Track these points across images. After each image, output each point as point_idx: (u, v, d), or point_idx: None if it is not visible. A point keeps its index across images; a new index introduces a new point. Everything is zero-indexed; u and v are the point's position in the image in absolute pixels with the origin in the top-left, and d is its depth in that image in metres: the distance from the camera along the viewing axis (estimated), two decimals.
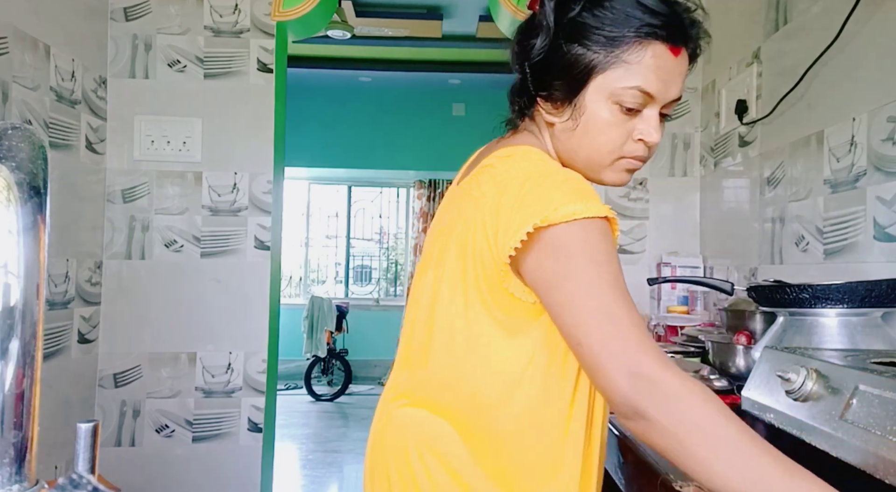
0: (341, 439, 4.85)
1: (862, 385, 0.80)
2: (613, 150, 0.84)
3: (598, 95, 0.81)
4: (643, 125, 0.83)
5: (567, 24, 0.82)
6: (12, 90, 1.73)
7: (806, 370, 0.90)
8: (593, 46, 0.80)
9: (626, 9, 0.80)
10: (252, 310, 2.29)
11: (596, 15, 0.80)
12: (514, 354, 0.82)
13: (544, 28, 0.83)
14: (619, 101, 0.81)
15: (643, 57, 0.79)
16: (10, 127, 0.40)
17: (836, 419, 0.81)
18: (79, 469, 0.41)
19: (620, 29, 0.79)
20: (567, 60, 0.82)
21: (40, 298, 0.40)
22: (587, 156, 0.85)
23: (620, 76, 0.80)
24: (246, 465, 2.27)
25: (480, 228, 0.80)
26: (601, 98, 0.81)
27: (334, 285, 7.50)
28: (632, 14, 0.79)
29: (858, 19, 1.46)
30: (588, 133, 0.83)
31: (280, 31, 2.33)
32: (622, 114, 0.82)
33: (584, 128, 0.83)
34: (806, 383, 0.89)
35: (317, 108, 6.56)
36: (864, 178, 1.45)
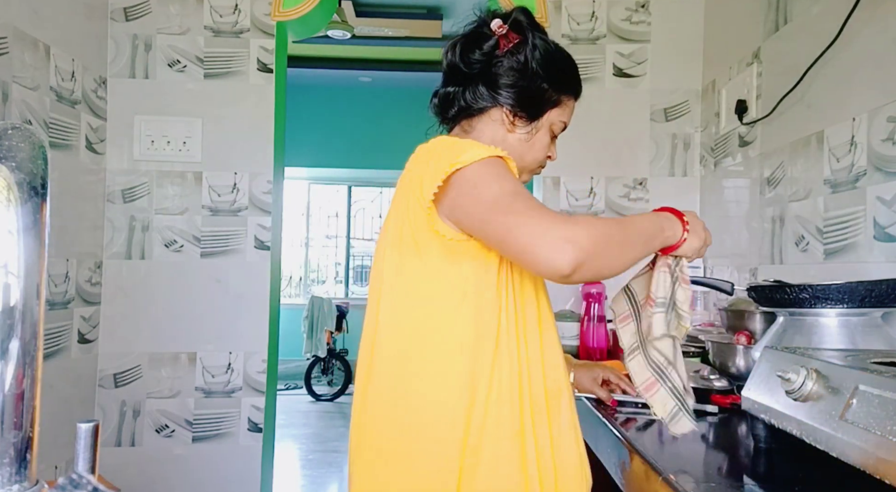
0: (341, 439, 4.85)
1: (862, 385, 0.80)
2: (539, 161, 1.14)
3: (547, 123, 1.12)
4: (553, 147, 1.16)
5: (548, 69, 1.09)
6: (12, 90, 1.73)
7: (806, 370, 0.90)
8: (558, 90, 1.11)
9: (572, 71, 1.15)
10: (252, 310, 2.29)
11: (563, 69, 1.13)
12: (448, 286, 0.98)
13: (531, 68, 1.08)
14: (553, 130, 1.13)
15: (570, 103, 1.14)
16: (10, 127, 0.40)
17: (835, 419, 0.81)
18: (79, 469, 0.41)
19: (569, 82, 1.13)
20: (543, 94, 1.10)
21: (40, 298, 0.40)
22: (526, 162, 1.11)
23: (560, 113, 1.13)
24: (246, 465, 2.28)
25: (412, 192, 0.98)
26: (547, 125, 1.12)
27: (334, 285, 7.50)
28: (572, 75, 1.15)
29: (858, 19, 1.46)
30: (534, 147, 1.12)
31: (280, 31, 2.33)
32: (550, 138, 1.14)
33: (532, 143, 1.12)
34: (806, 383, 0.89)
35: (317, 108, 6.55)
36: (864, 178, 1.45)
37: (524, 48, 1.09)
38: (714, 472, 1.04)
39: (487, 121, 1.11)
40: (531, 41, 1.10)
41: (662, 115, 2.39)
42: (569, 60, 1.16)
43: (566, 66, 1.14)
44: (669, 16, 2.39)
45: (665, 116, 2.39)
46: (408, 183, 1.02)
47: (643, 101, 2.38)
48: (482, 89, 1.10)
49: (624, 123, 2.36)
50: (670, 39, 2.38)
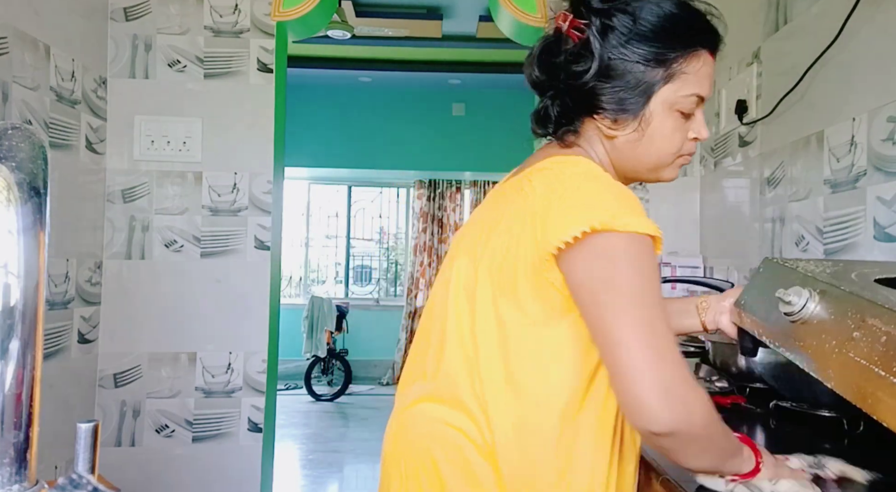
0: (341, 439, 4.85)
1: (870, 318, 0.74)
2: (675, 151, 0.92)
3: (661, 107, 0.89)
4: (696, 125, 0.92)
5: (620, 50, 0.87)
6: (12, 90, 1.73)
7: (809, 293, 0.83)
8: (651, 65, 0.87)
9: (673, 27, 0.88)
10: (252, 310, 2.29)
11: (647, 37, 0.87)
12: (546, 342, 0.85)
13: (595, 57, 0.87)
14: (680, 109, 0.89)
15: (696, 67, 0.89)
16: (10, 127, 0.40)
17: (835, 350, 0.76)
18: (79, 469, 0.41)
19: (673, 45, 0.88)
20: (629, 82, 0.88)
21: (40, 298, 0.40)
22: (652, 161, 0.93)
23: (679, 87, 0.88)
24: (246, 465, 2.28)
25: (529, 221, 0.84)
26: (664, 109, 0.89)
27: (334, 285, 7.50)
28: (679, 31, 0.88)
29: (858, 19, 1.46)
30: (654, 141, 0.91)
31: (280, 31, 2.33)
32: (682, 119, 0.91)
33: (649, 138, 0.90)
34: (808, 306, 0.83)
35: (317, 108, 6.55)
36: (864, 178, 1.45)
37: (589, 33, 0.88)
38: None
39: (584, 133, 0.93)
40: (599, 21, 0.88)
41: None
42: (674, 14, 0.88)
43: (672, 23, 0.88)
44: None
45: None
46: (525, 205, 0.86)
47: None
48: (566, 100, 0.92)
49: None
50: None
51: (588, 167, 0.87)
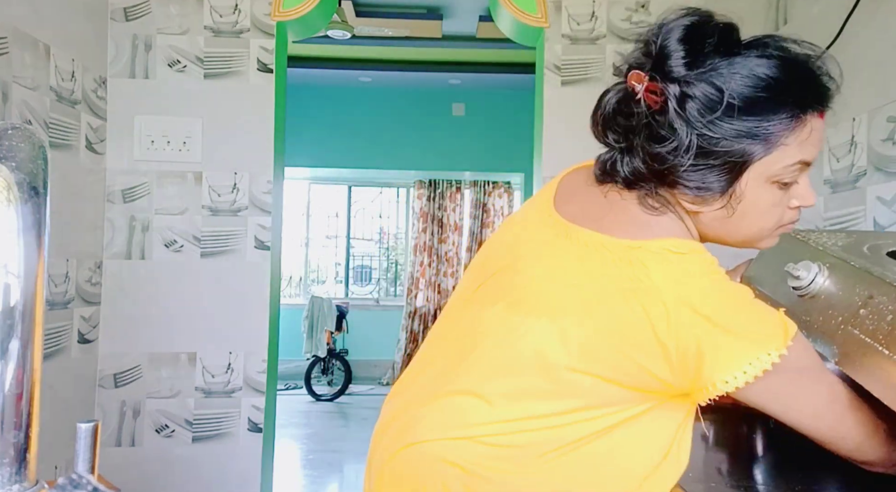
0: (341, 439, 4.85)
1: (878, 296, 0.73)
2: (774, 226, 0.82)
3: (755, 183, 0.78)
4: (801, 191, 0.81)
5: (705, 124, 0.75)
6: (12, 90, 1.73)
7: (818, 267, 0.83)
8: (743, 142, 0.75)
9: (772, 96, 0.75)
10: (252, 310, 2.29)
11: (740, 109, 0.74)
12: None
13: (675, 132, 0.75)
14: (779, 180, 0.78)
15: (801, 135, 0.77)
16: (10, 127, 0.40)
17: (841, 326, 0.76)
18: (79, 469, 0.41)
19: (770, 117, 0.75)
20: (713, 161, 0.76)
21: (40, 298, 0.40)
22: (745, 236, 0.83)
23: (779, 158, 0.77)
24: (246, 465, 2.27)
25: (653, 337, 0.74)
26: (759, 184, 0.78)
27: (334, 285, 7.50)
28: (780, 100, 0.76)
29: (858, 19, 1.46)
30: (747, 217, 0.80)
31: (280, 31, 2.33)
32: (780, 189, 0.79)
33: (741, 214, 0.79)
34: (816, 279, 0.82)
35: (317, 108, 6.55)
36: (864, 178, 1.45)
37: (669, 103, 0.75)
38: (714, 472, 1.03)
39: (666, 197, 0.81)
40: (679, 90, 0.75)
41: None
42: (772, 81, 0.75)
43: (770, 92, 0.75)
44: None
45: None
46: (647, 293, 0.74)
47: None
48: (639, 166, 0.79)
49: None
50: None
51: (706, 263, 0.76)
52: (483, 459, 0.78)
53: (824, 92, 0.80)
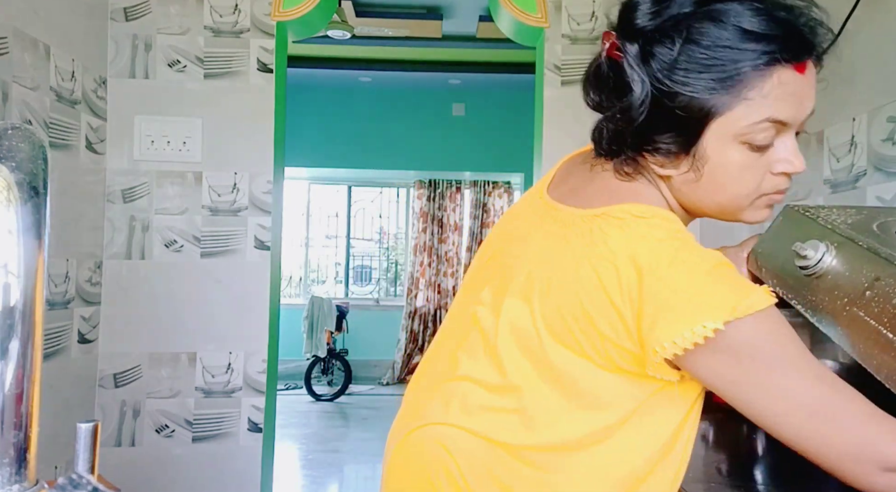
0: (341, 439, 4.85)
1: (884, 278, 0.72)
2: (751, 192, 0.75)
3: (720, 140, 0.72)
4: (782, 155, 0.74)
5: (666, 73, 0.72)
6: (12, 90, 1.73)
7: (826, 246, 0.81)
8: (704, 91, 0.71)
9: (734, 41, 0.70)
10: (252, 310, 2.29)
11: (699, 57, 0.70)
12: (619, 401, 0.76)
13: (636, 82, 0.73)
14: (749, 140, 0.72)
15: (767, 88, 0.70)
16: (10, 127, 0.40)
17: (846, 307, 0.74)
18: (79, 469, 0.41)
19: (733, 65, 0.70)
20: (674, 113, 0.72)
21: (40, 298, 0.40)
22: (719, 204, 0.77)
23: (744, 114, 0.71)
24: (246, 465, 2.27)
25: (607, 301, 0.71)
26: (725, 141, 0.72)
27: (334, 285, 7.50)
28: (742, 46, 0.70)
29: (858, 19, 1.46)
30: (717, 181, 0.74)
31: (280, 31, 2.33)
32: (754, 152, 0.73)
33: (710, 177, 0.74)
34: (824, 258, 0.81)
35: (317, 108, 6.55)
36: (864, 178, 1.45)
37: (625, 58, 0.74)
38: (714, 472, 1.03)
39: (643, 164, 0.79)
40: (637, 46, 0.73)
41: None
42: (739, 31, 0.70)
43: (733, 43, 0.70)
44: None
45: None
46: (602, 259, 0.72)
47: None
48: (610, 126, 0.78)
49: None
50: None
51: (671, 233, 0.72)
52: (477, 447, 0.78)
53: (797, 40, 0.72)
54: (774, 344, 0.67)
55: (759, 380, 0.67)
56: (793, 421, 0.67)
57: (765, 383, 0.67)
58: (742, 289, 0.68)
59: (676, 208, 0.81)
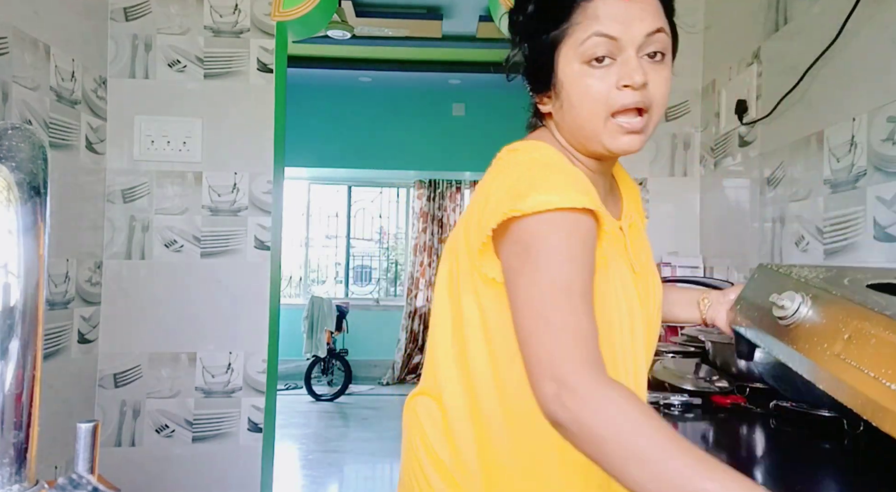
0: (341, 439, 4.85)
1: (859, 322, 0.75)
2: (598, 108, 0.82)
3: (567, 64, 0.83)
4: (623, 71, 0.81)
5: (522, 24, 0.88)
6: (12, 90, 1.73)
7: (801, 297, 0.85)
8: (545, 29, 0.84)
9: None
10: (252, 310, 2.29)
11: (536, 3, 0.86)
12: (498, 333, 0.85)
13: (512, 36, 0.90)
14: (588, 57, 0.81)
15: (591, 11, 0.81)
16: (10, 127, 0.40)
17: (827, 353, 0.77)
18: (79, 469, 0.41)
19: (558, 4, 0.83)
20: (532, 52, 0.86)
21: (40, 298, 0.40)
22: (581, 126, 0.84)
23: (578, 36, 0.81)
24: (246, 465, 2.27)
25: (476, 211, 0.83)
26: (571, 63, 0.82)
27: (334, 285, 7.50)
28: None
29: (858, 19, 1.46)
30: (572, 102, 0.83)
31: (280, 31, 2.33)
32: (594, 67, 0.81)
33: (568, 101, 0.84)
34: (800, 310, 0.84)
35: (317, 108, 6.55)
36: (864, 178, 1.45)
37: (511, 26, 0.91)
38: None
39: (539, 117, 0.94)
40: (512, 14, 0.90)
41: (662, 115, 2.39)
42: None
43: None
44: None
45: (665, 116, 2.39)
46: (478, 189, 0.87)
47: None
48: None
49: None
50: None
51: (534, 150, 0.85)
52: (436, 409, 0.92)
53: None
54: (543, 244, 0.73)
55: (523, 271, 0.74)
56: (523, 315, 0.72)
57: (523, 275, 0.74)
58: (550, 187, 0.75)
59: (569, 147, 0.90)
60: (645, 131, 0.84)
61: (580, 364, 0.66)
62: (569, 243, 0.73)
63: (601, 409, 0.63)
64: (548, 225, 0.74)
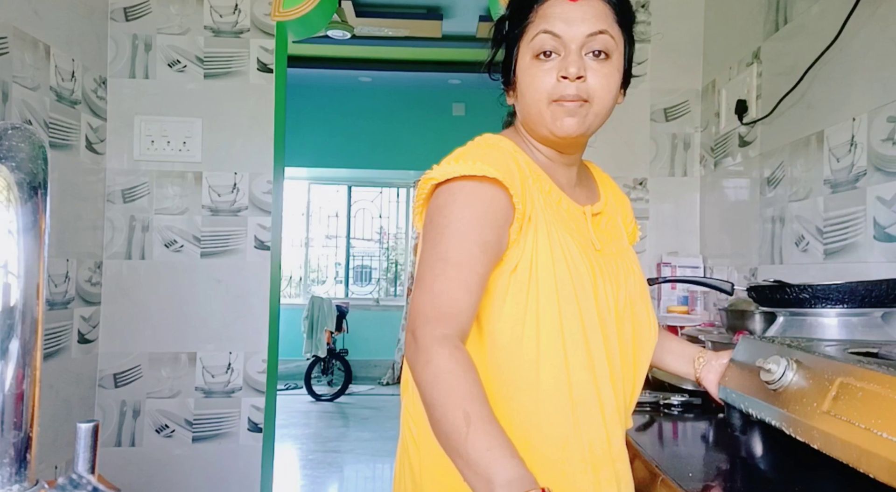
0: (341, 439, 4.85)
1: (844, 377, 0.79)
2: (541, 96, 0.92)
3: (521, 59, 0.94)
4: (562, 63, 0.91)
5: (499, 26, 1.00)
6: (12, 90, 1.73)
7: (787, 361, 0.88)
8: (512, 28, 0.96)
9: None
10: (252, 310, 2.29)
11: (509, 9, 0.98)
12: None
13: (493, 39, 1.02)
14: (536, 51, 0.92)
15: (541, 12, 0.92)
16: (10, 127, 0.40)
17: (817, 412, 0.80)
18: (79, 469, 0.41)
19: (520, 7, 0.95)
20: (503, 50, 0.99)
21: (40, 298, 0.40)
22: (530, 113, 0.95)
23: (530, 33, 0.92)
24: (246, 465, 2.28)
25: None
26: (525, 58, 0.94)
27: (334, 285, 7.50)
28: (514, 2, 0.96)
29: (858, 19, 1.46)
30: (523, 91, 0.94)
31: (280, 31, 2.33)
32: (541, 61, 0.92)
33: (521, 91, 0.95)
34: (786, 373, 0.87)
35: (317, 108, 6.55)
36: (864, 178, 1.45)
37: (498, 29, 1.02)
38: (714, 472, 1.04)
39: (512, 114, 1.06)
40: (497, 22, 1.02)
41: (662, 115, 2.39)
42: None
43: None
44: (669, 16, 2.39)
45: (665, 116, 2.39)
46: None
47: (643, 101, 2.38)
48: None
49: (624, 122, 2.36)
50: (670, 39, 2.38)
51: (484, 138, 0.97)
52: None
53: None
54: (439, 213, 0.85)
55: (425, 237, 0.85)
56: (419, 272, 0.83)
57: (425, 240, 0.85)
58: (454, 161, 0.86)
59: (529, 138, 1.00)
60: (582, 117, 0.91)
61: (427, 322, 0.78)
62: (461, 214, 0.83)
63: (428, 363, 0.75)
64: (447, 194, 0.85)
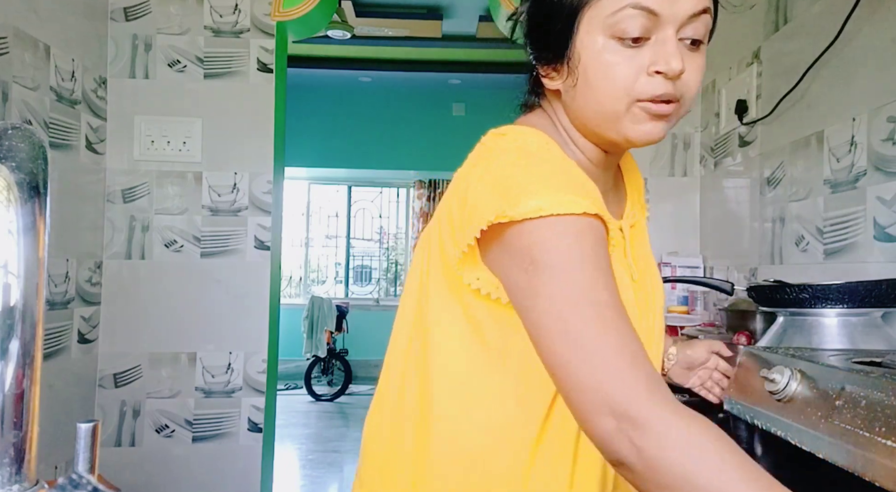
0: (341, 439, 4.85)
1: (848, 386, 0.79)
2: (622, 94, 0.68)
3: (590, 36, 0.68)
4: (657, 52, 0.67)
5: None
6: (12, 90, 1.73)
7: (791, 371, 0.89)
8: None
9: None
10: (252, 310, 2.29)
11: None
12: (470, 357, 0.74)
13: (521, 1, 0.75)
14: (617, 32, 0.67)
15: None
16: (10, 127, 0.40)
17: (822, 421, 0.80)
18: (79, 469, 0.41)
19: None
20: (547, 10, 0.71)
21: (40, 298, 0.40)
22: (596, 110, 0.70)
23: (608, 3, 0.66)
24: (246, 465, 2.27)
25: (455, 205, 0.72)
26: (595, 37, 0.68)
27: (334, 285, 7.50)
28: None
29: (858, 19, 1.46)
30: (590, 82, 0.69)
31: (280, 31, 2.33)
32: (625, 47, 0.67)
33: (584, 79, 0.69)
34: (790, 383, 0.88)
35: (317, 108, 6.55)
36: (864, 178, 1.45)
37: None
38: None
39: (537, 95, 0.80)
40: None
41: None
42: None
43: None
44: None
45: None
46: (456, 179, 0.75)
47: None
48: None
49: None
50: None
51: (521, 137, 0.72)
52: None
53: None
54: (552, 254, 0.61)
55: (537, 290, 0.61)
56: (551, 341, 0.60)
57: (539, 294, 0.61)
58: (545, 186, 0.63)
59: (572, 134, 0.77)
60: (670, 122, 0.71)
61: (640, 391, 0.55)
62: (581, 249, 0.61)
63: (678, 447, 0.53)
64: (550, 231, 0.62)
